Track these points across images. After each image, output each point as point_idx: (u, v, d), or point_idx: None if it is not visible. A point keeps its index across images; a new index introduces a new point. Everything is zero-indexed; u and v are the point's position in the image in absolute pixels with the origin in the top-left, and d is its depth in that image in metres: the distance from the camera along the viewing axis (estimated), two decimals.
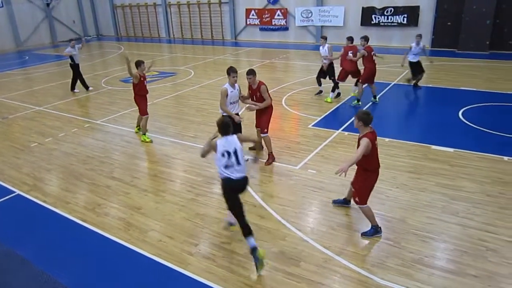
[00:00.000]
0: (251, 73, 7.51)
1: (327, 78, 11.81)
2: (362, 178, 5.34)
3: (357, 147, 5.16)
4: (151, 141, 9.10)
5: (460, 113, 9.96)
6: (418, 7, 19.95)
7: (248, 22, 26.01)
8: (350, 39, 11.19)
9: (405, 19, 20.43)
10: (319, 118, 10.06)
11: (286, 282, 4.57)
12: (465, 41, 17.95)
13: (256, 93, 7.65)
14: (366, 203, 5.32)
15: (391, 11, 20.71)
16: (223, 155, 4.81)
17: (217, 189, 6.84)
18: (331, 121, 9.92)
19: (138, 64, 8.86)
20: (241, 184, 4.91)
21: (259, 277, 4.66)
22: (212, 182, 7.08)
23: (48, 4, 30.10)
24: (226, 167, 4.82)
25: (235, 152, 4.83)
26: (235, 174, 4.82)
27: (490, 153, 7.59)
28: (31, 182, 7.46)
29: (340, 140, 8.67)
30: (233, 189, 4.91)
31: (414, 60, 12.08)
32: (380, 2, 20.93)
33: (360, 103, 11.00)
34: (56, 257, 5.26)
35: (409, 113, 10.83)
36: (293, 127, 9.84)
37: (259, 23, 25.55)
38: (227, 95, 7.32)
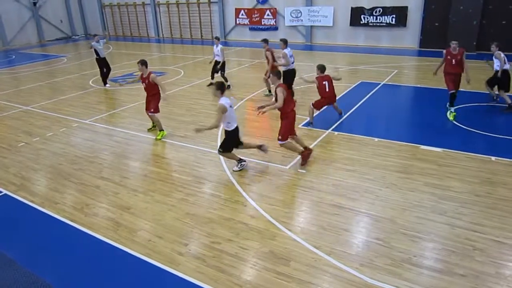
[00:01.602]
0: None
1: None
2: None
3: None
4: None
5: (448, 113, 10.06)
6: (406, 7, 20.15)
7: (237, 22, 25.98)
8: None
9: (393, 19, 20.62)
10: (309, 118, 10.07)
11: (276, 281, 4.57)
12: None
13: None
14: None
15: (379, 11, 20.87)
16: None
17: (207, 189, 6.84)
18: (320, 121, 9.95)
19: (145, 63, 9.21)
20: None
21: (249, 277, 4.66)
22: (202, 182, 7.06)
23: (35, 3, 29.67)
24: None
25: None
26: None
27: (478, 153, 7.69)
28: (18, 182, 7.35)
29: (330, 139, 8.71)
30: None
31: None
32: (369, 2, 21.08)
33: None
34: (43, 258, 5.19)
35: (398, 113, 10.91)
36: None
37: (248, 23, 25.54)
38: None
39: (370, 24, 21.27)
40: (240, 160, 7.38)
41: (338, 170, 7.27)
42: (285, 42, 11.58)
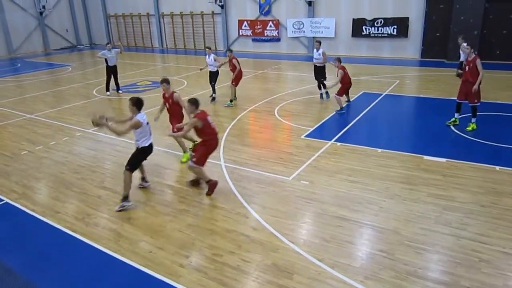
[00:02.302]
0: None
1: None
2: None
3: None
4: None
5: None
6: (407, 18, 20.25)
7: (240, 33, 26.15)
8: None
9: (395, 30, 20.70)
10: (312, 129, 10.06)
11: None
12: (454, 52, 18.14)
13: None
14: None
15: (381, 22, 20.98)
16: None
17: (209, 200, 6.79)
18: (323, 131, 9.94)
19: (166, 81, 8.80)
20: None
21: None
22: (204, 193, 7.01)
23: (41, 13, 30.01)
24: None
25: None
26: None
27: (482, 163, 7.63)
28: (20, 190, 7.33)
29: (333, 150, 8.67)
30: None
31: None
32: (370, 13, 21.21)
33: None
34: (43, 268, 5.14)
35: (400, 124, 10.88)
36: (286, 137, 9.83)
37: (251, 34, 25.70)
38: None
39: (371, 35, 21.36)
40: (126, 198, 6.57)
41: (341, 181, 7.22)
42: (319, 42, 13.21)
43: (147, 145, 6.63)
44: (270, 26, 24.81)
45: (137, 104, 6.50)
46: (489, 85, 11.02)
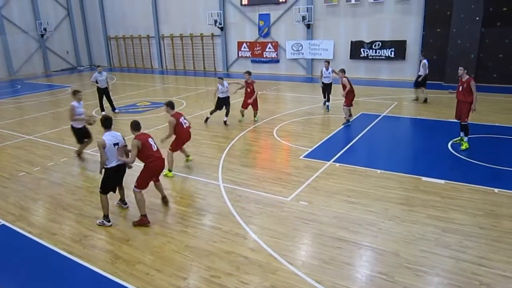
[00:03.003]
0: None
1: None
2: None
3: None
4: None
5: (449, 144, 10.08)
6: (405, 41, 20.60)
7: (240, 54, 26.52)
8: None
9: (392, 52, 21.03)
10: (310, 149, 10.09)
11: None
12: (451, 74, 18.38)
13: None
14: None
15: (379, 45, 21.33)
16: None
17: (207, 220, 6.76)
18: (322, 152, 9.96)
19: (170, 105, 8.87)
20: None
21: None
22: (202, 213, 6.98)
23: (42, 35, 30.45)
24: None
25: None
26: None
27: (480, 185, 7.64)
28: (17, 212, 7.28)
29: (332, 171, 8.67)
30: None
31: None
32: (368, 36, 21.58)
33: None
34: None
35: (399, 145, 10.93)
36: (285, 158, 9.84)
37: (250, 55, 26.06)
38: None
39: (369, 57, 21.67)
40: (106, 217, 6.64)
41: (340, 202, 7.20)
42: (328, 62, 15.22)
43: (108, 166, 6.52)
44: (269, 48, 25.19)
45: (103, 122, 6.66)
46: (486, 108, 11.13)
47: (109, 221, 6.64)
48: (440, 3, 19.03)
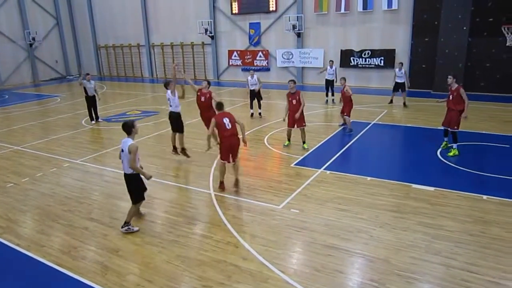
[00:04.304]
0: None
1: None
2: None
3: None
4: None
5: (438, 152, 10.20)
6: (394, 50, 20.88)
7: (230, 63, 26.62)
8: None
9: (382, 61, 21.30)
10: (301, 157, 10.13)
11: None
12: (439, 83, 18.68)
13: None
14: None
15: (368, 53, 21.59)
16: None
17: (199, 229, 6.72)
18: (313, 160, 10.00)
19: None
20: None
21: None
22: (193, 222, 6.94)
23: (31, 44, 30.24)
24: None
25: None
26: None
27: (469, 192, 7.72)
28: (4, 224, 7.16)
29: (323, 179, 8.70)
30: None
31: None
32: (358, 45, 21.84)
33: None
34: None
35: (389, 152, 11.03)
36: (276, 166, 9.86)
37: (241, 64, 26.18)
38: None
39: (359, 65, 21.92)
40: (127, 224, 6.65)
41: (331, 209, 7.22)
42: (332, 61, 18.10)
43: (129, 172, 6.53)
44: (260, 56, 25.34)
45: (123, 128, 6.57)
46: (474, 116, 11.29)
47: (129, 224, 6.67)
48: (428, 13, 19.36)
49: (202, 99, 10.58)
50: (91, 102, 15.08)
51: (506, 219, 6.67)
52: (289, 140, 11.10)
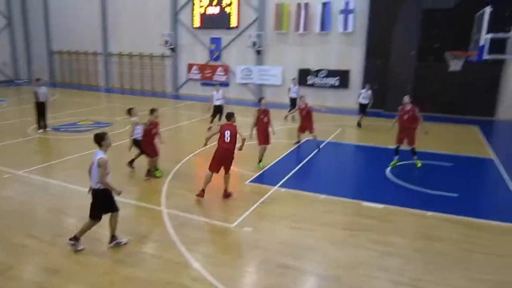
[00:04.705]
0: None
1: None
2: None
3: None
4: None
5: (387, 170, 10.57)
6: (348, 71, 21.69)
7: (190, 77, 26.43)
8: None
9: (337, 81, 22.03)
10: (257, 174, 10.13)
11: None
12: (390, 103, 19.49)
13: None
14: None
15: (324, 73, 22.26)
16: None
17: (148, 249, 6.48)
18: (268, 177, 10.02)
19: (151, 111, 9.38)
20: None
21: None
22: (142, 241, 6.68)
23: None
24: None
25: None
26: None
27: (415, 208, 8.04)
28: None
29: (277, 196, 8.72)
30: None
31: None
32: (315, 64, 22.46)
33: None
34: None
35: (341, 170, 11.29)
36: (231, 183, 9.75)
37: (201, 78, 26.05)
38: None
39: (316, 84, 22.50)
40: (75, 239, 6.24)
41: (285, 227, 7.23)
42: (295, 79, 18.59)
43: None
44: (220, 71, 25.36)
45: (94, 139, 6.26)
46: (420, 135, 11.84)
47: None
48: (380, 37, 20.30)
49: None
50: (41, 109, 14.23)
51: (448, 234, 6.99)
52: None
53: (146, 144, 9.59)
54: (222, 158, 8.20)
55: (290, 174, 10.24)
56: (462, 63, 15.17)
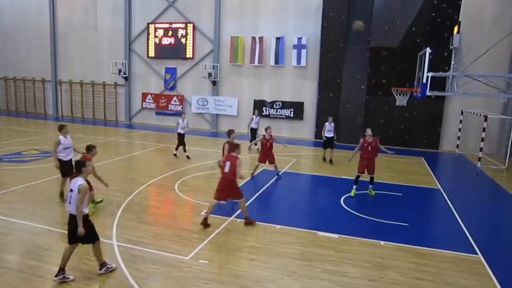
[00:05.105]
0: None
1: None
2: None
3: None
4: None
5: (342, 200, 10.83)
6: (302, 103, 22.40)
7: (144, 106, 26.05)
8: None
9: (291, 112, 22.63)
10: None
11: None
12: (343, 135, 20.27)
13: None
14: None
15: (279, 105, 22.82)
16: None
17: (96, 285, 6.09)
18: (224, 207, 9.87)
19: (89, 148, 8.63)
20: None
21: None
22: (91, 277, 6.28)
23: None
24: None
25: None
26: None
27: (368, 238, 8.23)
28: None
29: (233, 227, 8.62)
30: None
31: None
32: (270, 96, 23.01)
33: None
34: None
35: (297, 200, 11.40)
36: (185, 214, 9.56)
37: (155, 107, 25.75)
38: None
39: (271, 115, 22.96)
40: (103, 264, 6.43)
41: (241, 259, 7.12)
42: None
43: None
44: (175, 101, 25.23)
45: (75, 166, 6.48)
46: (382, 166, 12.37)
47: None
48: (331, 71, 21.28)
49: None
50: None
51: (401, 263, 7.18)
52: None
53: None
54: (224, 187, 8.62)
55: (246, 204, 10.17)
56: (407, 98, 16.22)
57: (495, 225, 10.15)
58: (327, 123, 15.78)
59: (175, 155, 15.52)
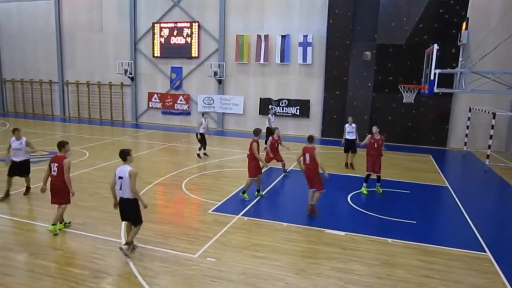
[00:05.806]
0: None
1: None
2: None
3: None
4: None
5: (349, 197, 10.80)
6: (308, 100, 22.35)
7: (150, 105, 26.16)
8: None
9: (298, 110, 22.60)
10: (219, 203, 10.01)
11: None
12: None
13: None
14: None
15: (285, 103, 22.80)
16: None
17: (106, 284, 6.15)
18: (231, 206, 9.93)
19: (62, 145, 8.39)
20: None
21: None
22: (100, 276, 6.34)
23: None
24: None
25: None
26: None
27: (376, 236, 8.20)
28: None
29: (240, 225, 8.63)
30: None
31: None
32: (276, 94, 22.99)
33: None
34: None
35: (304, 198, 11.37)
36: (193, 212, 9.60)
37: (161, 107, 25.86)
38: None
39: (277, 113, 22.94)
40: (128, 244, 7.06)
41: (248, 257, 7.13)
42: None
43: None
44: (181, 100, 25.31)
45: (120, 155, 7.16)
46: (386, 164, 12.28)
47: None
48: (338, 69, 21.21)
49: None
50: None
51: (409, 261, 7.15)
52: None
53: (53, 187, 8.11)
54: (308, 177, 9.51)
55: (253, 202, 10.21)
56: (414, 95, 16.10)
57: (503, 223, 10.07)
58: (347, 125, 14.45)
59: (203, 154, 15.66)
